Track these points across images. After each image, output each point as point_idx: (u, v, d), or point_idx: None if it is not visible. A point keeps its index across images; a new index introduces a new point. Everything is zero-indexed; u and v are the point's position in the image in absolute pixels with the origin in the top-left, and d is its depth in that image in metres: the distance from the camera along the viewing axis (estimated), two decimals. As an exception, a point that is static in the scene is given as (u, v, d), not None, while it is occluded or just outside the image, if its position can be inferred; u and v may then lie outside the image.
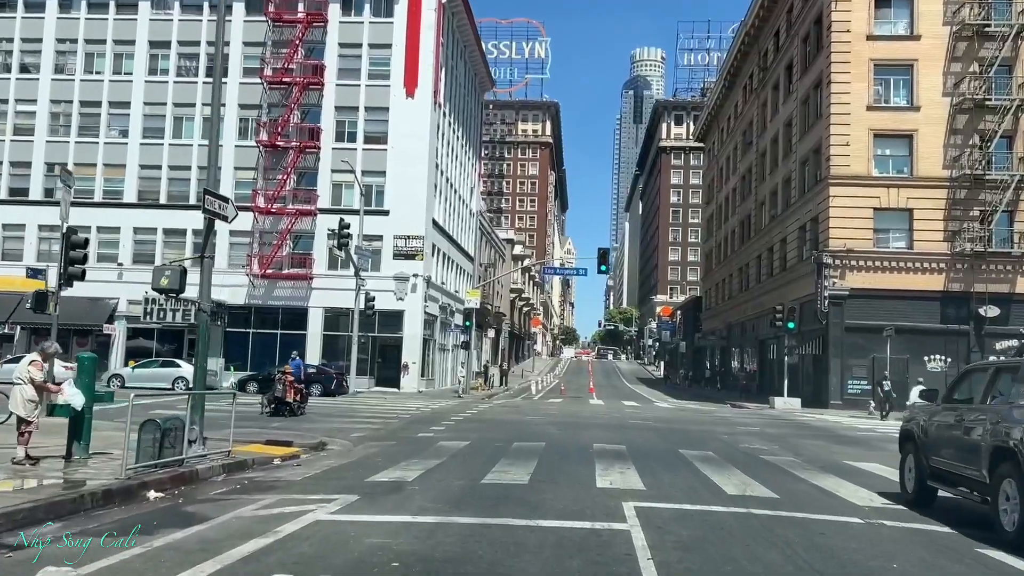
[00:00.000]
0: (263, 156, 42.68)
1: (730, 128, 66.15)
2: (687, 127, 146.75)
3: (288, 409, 22.16)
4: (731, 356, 64.03)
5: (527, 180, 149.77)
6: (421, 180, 42.26)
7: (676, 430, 21.72)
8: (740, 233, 60.01)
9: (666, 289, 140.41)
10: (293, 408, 22.34)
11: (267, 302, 42.32)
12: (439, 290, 46.61)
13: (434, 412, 25.86)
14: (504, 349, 74.43)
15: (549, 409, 30.40)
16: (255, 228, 42.42)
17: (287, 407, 22.20)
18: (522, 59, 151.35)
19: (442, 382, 48.80)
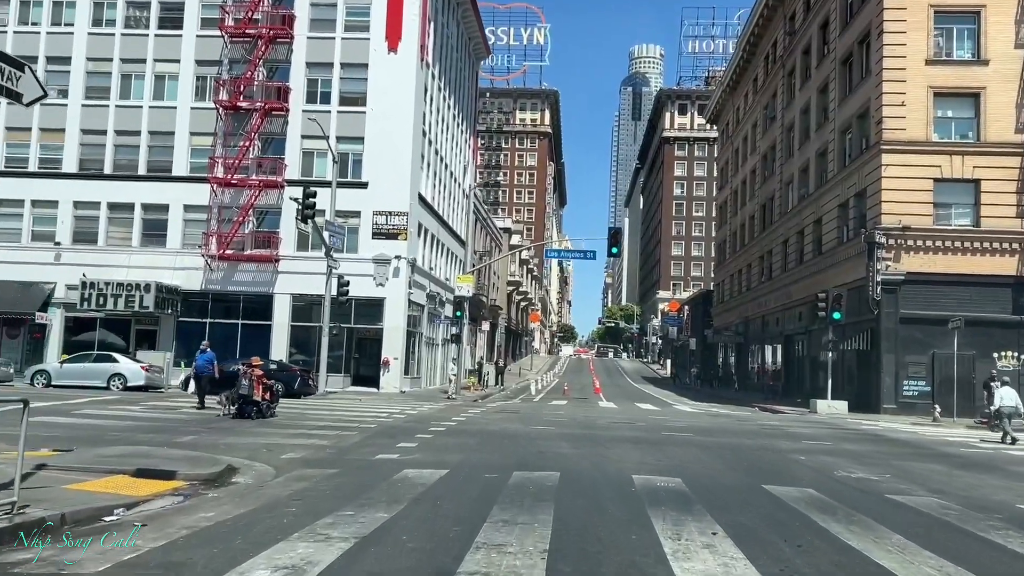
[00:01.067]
0: (223, 119, 37.02)
1: (748, 105, 60.59)
2: (691, 117, 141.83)
3: (256, 409, 19.07)
4: (748, 354, 58.50)
5: (525, 171, 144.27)
6: (405, 148, 36.64)
7: (729, 446, 16.17)
8: (760, 218, 54.47)
9: (669, 285, 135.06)
10: (262, 408, 19.25)
11: (227, 288, 36.67)
12: (426, 276, 40.99)
13: (412, 419, 20.27)
14: (500, 345, 68.84)
15: (555, 414, 24.82)
16: (213, 202, 36.75)
17: (254, 407, 19.09)
18: (520, 45, 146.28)
19: (430, 381, 43.19)
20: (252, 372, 19.37)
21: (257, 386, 19.29)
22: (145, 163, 37.42)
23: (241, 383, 19.18)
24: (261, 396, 19.34)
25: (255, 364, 20.04)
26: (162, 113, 37.39)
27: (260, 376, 19.53)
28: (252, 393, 19.12)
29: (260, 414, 19.15)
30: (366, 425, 17.92)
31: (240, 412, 19.04)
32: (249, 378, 19.21)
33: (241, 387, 19.14)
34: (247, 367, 19.60)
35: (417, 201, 38.15)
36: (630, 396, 44.60)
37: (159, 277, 35.74)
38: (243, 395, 19.10)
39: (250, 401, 19.09)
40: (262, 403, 19.29)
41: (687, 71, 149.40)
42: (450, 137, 47.14)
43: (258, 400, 19.20)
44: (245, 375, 19.26)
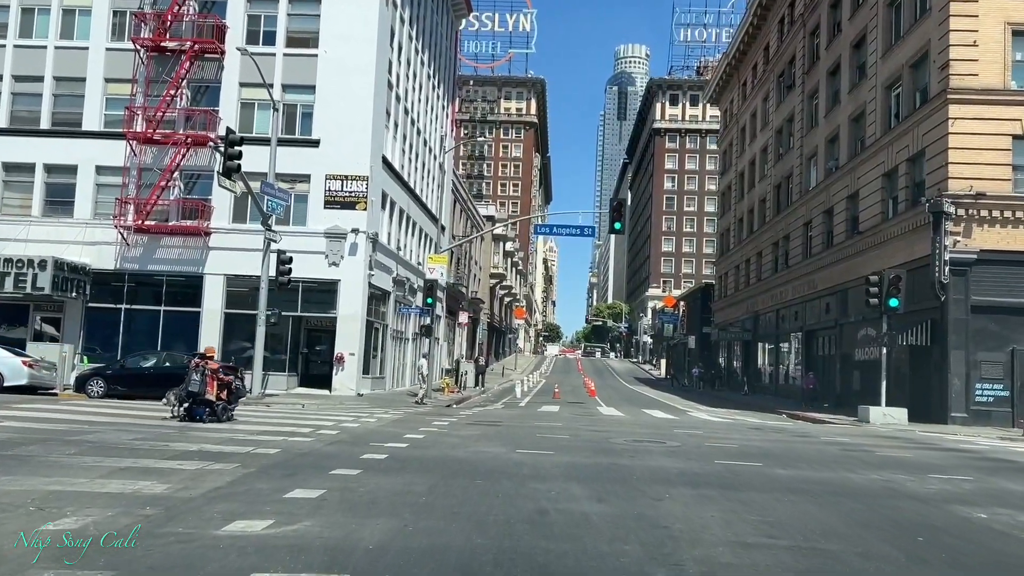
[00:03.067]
0: (144, 62, 30.46)
1: (757, 77, 54.64)
2: (683, 108, 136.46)
3: (209, 411, 16.30)
4: (757, 352, 52.52)
5: (510, 163, 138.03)
6: (366, 100, 30.25)
7: (842, 490, 10.00)
8: (774, 200, 48.49)
9: (659, 282, 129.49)
10: (215, 409, 16.38)
11: (147, 267, 30.11)
12: (392, 257, 34.62)
13: (348, 437, 13.98)
14: (482, 342, 62.54)
15: (550, 426, 18.51)
16: (131, 163, 30.19)
17: (207, 408, 16.31)
18: (506, 32, 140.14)
19: (397, 381, 36.80)
20: (205, 366, 16.49)
21: (211, 383, 16.37)
22: (49, 115, 30.80)
23: (192, 379, 16.25)
24: (216, 395, 16.46)
25: (209, 355, 17.25)
26: (71, 55, 30.77)
27: (215, 371, 16.63)
28: (204, 391, 16.21)
29: (214, 416, 16.19)
30: (266, 450, 11.56)
31: (190, 414, 16.21)
32: (201, 373, 16.28)
33: (192, 383, 16.22)
34: (200, 360, 16.75)
35: (381, 165, 31.76)
36: (631, 400, 38.41)
37: (65, 253, 29.18)
38: (193, 393, 16.24)
39: (201, 401, 16.23)
40: (216, 403, 16.39)
41: (678, 60, 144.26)
42: (424, 100, 40.76)
43: (211, 400, 16.33)
44: (197, 369, 16.36)
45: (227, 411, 16.74)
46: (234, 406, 17.30)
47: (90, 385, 23.47)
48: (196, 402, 16.26)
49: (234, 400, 17.34)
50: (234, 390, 17.34)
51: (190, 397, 16.32)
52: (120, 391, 23.55)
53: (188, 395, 16.36)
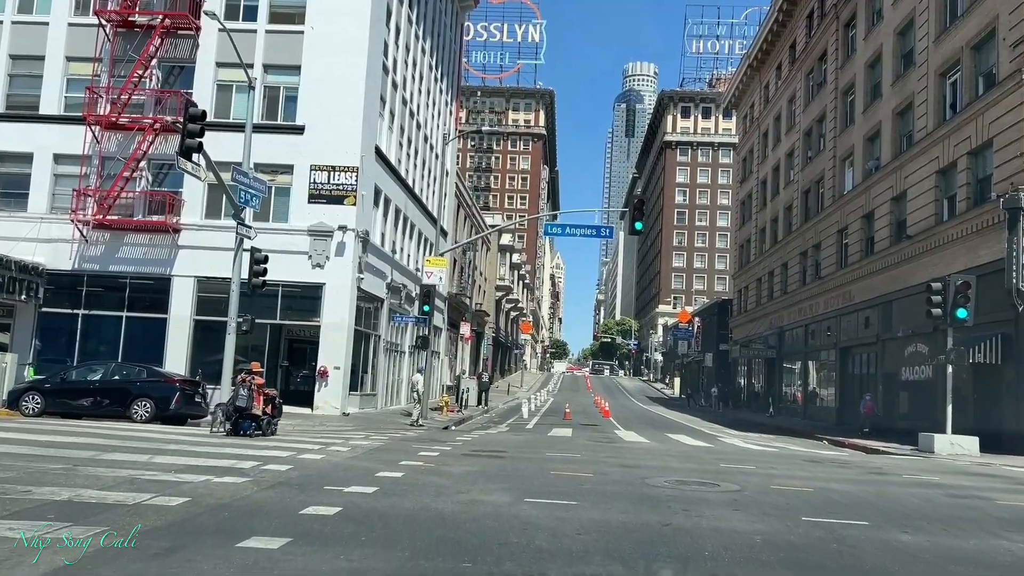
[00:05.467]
0: (110, 38, 27.26)
1: (782, 78, 51.31)
2: (695, 120, 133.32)
3: (255, 426, 16.44)
4: (782, 370, 48.81)
5: (517, 175, 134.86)
6: (357, 82, 26.94)
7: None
8: (801, 207, 44.97)
9: (670, 298, 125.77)
10: (261, 424, 16.60)
11: (108, 267, 26.75)
12: (387, 261, 31.20)
13: (301, 474, 10.56)
14: (487, 358, 58.95)
15: (565, 459, 14.93)
16: (91, 150, 26.90)
17: (253, 423, 16.43)
18: (514, 42, 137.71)
19: (391, 399, 33.27)
20: (252, 380, 16.58)
21: (258, 397, 16.54)
22: (3, 98, 27.59)
23: (239, 393, 16.41)
24: (262, 409, 16.66)
25: (255, 371, 17.06)
26: (30, 31, 27.62)
27: (261, 386, 16.78)
28: (252, 405, 16.40)
29: (259, 430, 16.49)
30: (166, 500, 8.05)
31: (235, 428, 16.38)
32: (249, 387, 16.42)
33: (239, 398, 16.37)
34: (247, 375, 16.75)
35: (374, 156, 28.41)
36: (650, 422, 34.78)
37: (19, 251, 25.86)
38: (240, 408, 16.38)
39: (248, 415, 16.40)
40: (262, 418, 16.63)
41: (690, 72, 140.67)
42: (425, 92, 37.47)
43: (258, 414, 16.54)
44: (244, 384, 16.50)
45: (272, 425, 16.88)
46: (277, 420, 17.34)
47: (25, 401, 20.02)
48: (243, 416, 16.29)
49: (278, 414, 17.38)
50: (277, 405, 17.38)
51: (237, 412, 16.32)
52: (60, 408, 20.12)
53: (236, 410, 16.36)
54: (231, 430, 16.43)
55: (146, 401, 19.79)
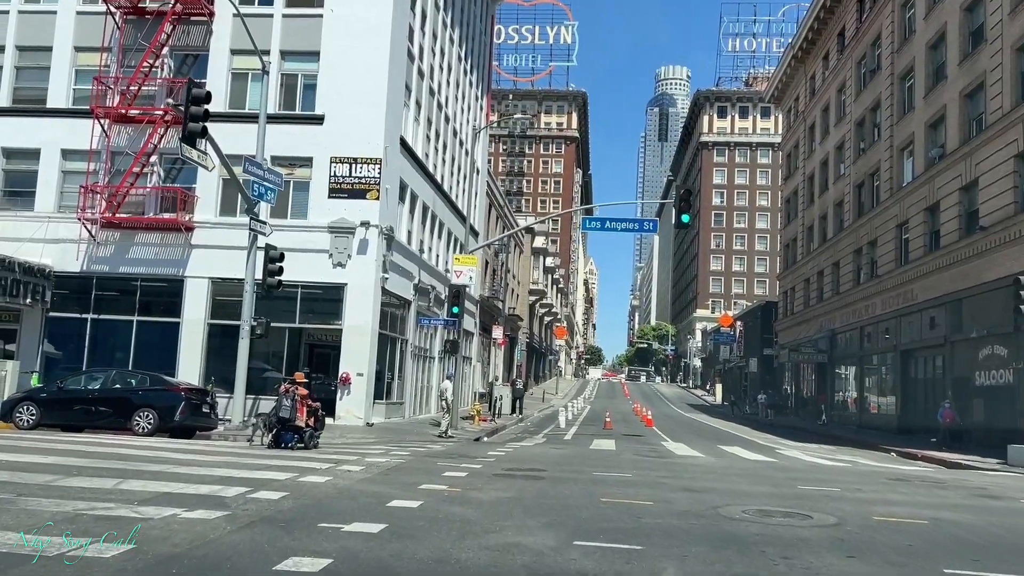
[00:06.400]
0: (119, 26, 25.75)
1: (829, 67, 48.66)
2: (732, 120, 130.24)
3: (297, 438, 15.74)
4: (833, 375, 46.06)
5: (550, 179, 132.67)
6: (379, 67, 25.10)
7: None
8: (854, 201, 42.31)
9: (707, 302, 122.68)
10: (303, 436, 15.82)
11: (118, 268, 25.15)
12: (414, 260, 29.30)
13: (296, 504, 8.66)
14: (520, 364, 56.85)
15: (615, 477, 12.82)
16: (101, 145, 25.38)
17: (295, 435, 15.74)
18: (546, 44, 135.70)
19: (419, 407, 31.33)
20: (296, 391, 16.05)
21: (301, 409, 16.00)
22: (10, 91, 26.19)
23: (282, 404, 15.91)
24: (305, 421, 16.08)
25: (299, 381, 16.59)
26: (36, 20, 26.22)
27: (304, 396, 16.17)
28: (295, 417, 15.89)
29: (302, 443, 15.86)
30: (103, 551, 6.09)
31: (277, 440, 15.92)
32: (292, 398, 15.90)
33: (282, 409, 15.88)
34: (290, 385, 16.29)
35: (398, 147, 26.53)
36: (698, 432, 32.42)
37: (25, 252, 24.39)
38: (284, 419, 15.89)
39: (291, 427, 15.90)
40: (305, 430, 16.01)
41: (726, 72, 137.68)
42: (454, 84, 35.57)
43: (301, 426, 15.97)
44: (287, 394, 15.97)
45: (314, 438, 16.14)
46: (320, 432, 16.60)
47: (19, 412, 18.38)
48: (285, 428, 15.70)
49: (320, 426, 16.67)
50: (320, 417, 16.69)
51: (280, 423, 15.72)
52: (58, 419, 18.46)
53: (278, 421, 15.75)
54: (272, 442, 15.83)
55: (148, 411, 18.04)
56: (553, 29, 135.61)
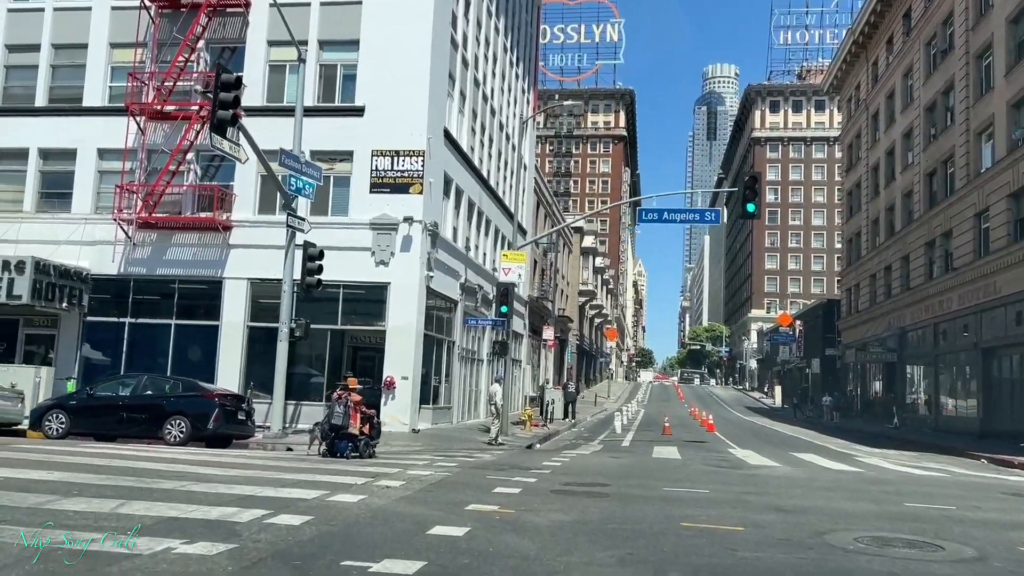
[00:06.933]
0: (154, 20, 24.96)
1: (894, 51, 46.15)
2: (785, 115, 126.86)
3: (352, 447, 15.09)
4: (904, 376, 43.52)
5: (598, 178, 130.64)
6: (421, 54, 23.85)
7: None
8: (924, 191, 39.88)
9: (762, 303, 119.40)
10: (359, 445, 15.16)
11: (155, 270, 24.32)
12: (460, 258, 28.00)
13: (316, 533, 7.32)
14: (571, 367, 55.25)
15: (689, 495, 11.24)
16: (137, 143, 24.59)
17: (350, 443, 15.11)
18: (592, 43, 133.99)
19: (467, 412, 30.00)
20: (349, 397, 15.44)
21: (354, 416, 15.35)
22: (46, 91, 25.61)
23: (335, 411, 15.28)
24: (359, 429, 15.40)
25: (352, 387, 16.08)
26: (72, 17, 25.61)
27: (358, 403, 15.61)
28: (348, 424, 15.21)
29: (356, 451, 15.13)
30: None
31: (331, 449, 15.24)
32: (345, 405, 15.26)
33: (334, 416, 15.24)
34: (343, 391, 15.73)
35: (442, 139, 25.24)
36: (764, 438, 30.48)
37: (62, 255, 23.71)
38: (337, 426, 15.23)
39: (345, 435, 15.21)
40: (359, 438, 15.33)
41: (778, 65, 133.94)
42: (499, 75, 34.23)
43: (355, 433, 15.28)
44: (339, 401, 15.34)
45: (369, 447, 15.51)
46: (376, 441, 15.96)
47: (48, 421, 17.52)
48: (339, 436, 15.10)
49: (376, 434, 15.99)
50: (375, 424, 16.01)
51: (333, 431, 15.16)
52: (87, 428, 17.54)
53: (332, 429, 15.18)
54: (327, 451, 15.24)
55: (180, 419, 16.98)
56: (599, 27, 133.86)
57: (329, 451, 15.27)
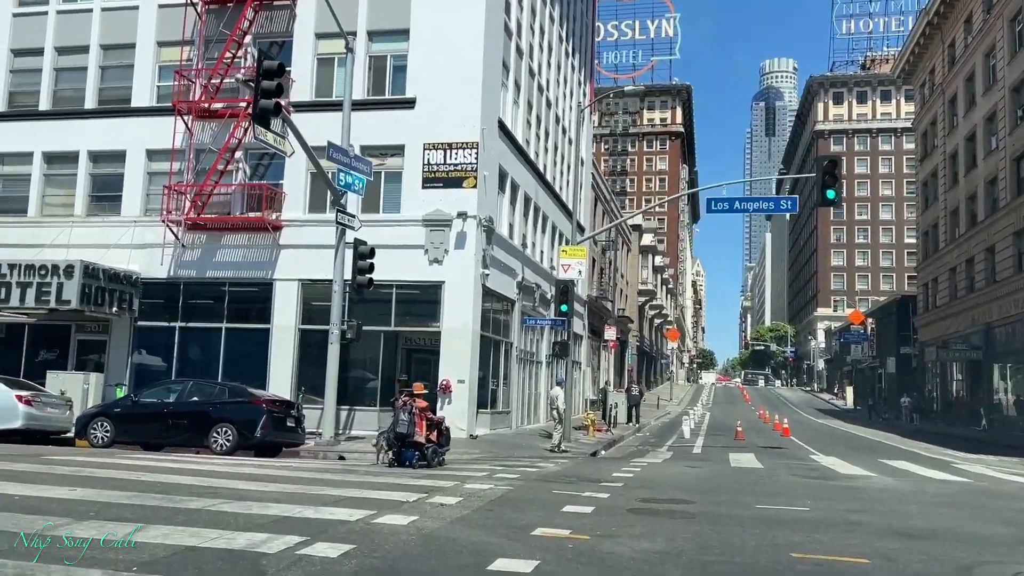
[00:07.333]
0: (201, 18, 24.35)
1: (973, 31, 43.50)
2: (849, 106, 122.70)
3: (419, 455, 14.26)
4: (991, 375, 40.82)
5: (655, 176, 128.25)
6: (474, 42, 22.72)
7: None
8: (1012, 177, 37.32)
9: (828, 301, 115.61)
10: (426, 453, 14.33)
11: (205, 273, 23.65)
12: (516, 256, 26.78)
13: (356, 568, 5.93)
14: (631, 369, 53.59)
15: (789, 514, 9.82)
16: (185, 143, 23.99)
17: (417, 452, 14.26)
18: (647, 39, 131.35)
19: (526, 417, 28.74)
20: (414, 404, 14.44)
21: (420, 423, 14.36)
22: (95, 92, 25.22)
23: (399, 419, 14.34)
24: (426, 436, 14.45)
25: (418, 392, 15.04)
26: (119, 17, 25.18)
27: (424, 409, 14.61)
28: (414, 432, 14.23)
29: (423, 460, 14.22)
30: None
31: (399, 458, 14.30)
32: (409, 412, 14.29)
33: (399, 424, 14.31)
34: (408, 398, 14.66)
35: (496, 130, 24.06)
36: (846, 443, 28.55)
37: (112, 259, 23.25)
38: (402, 435, 14.29)
39: (411, 443, 14.25)
40: (426, 446, 14.37)
41: (840, 55, 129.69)
42: (555, 66, 32.93)
43: (421, 442, 14.32)
44: (404, 408, 14.39)
45: (438, 455, 14.66)
46: (446, 448, 15.13)
47: (93, 429, 16.85)
48: (406, 445, 14.31)
49: (445, 442, 15.14)
50: (444, 431, 15.15)
51: (399, 440, 14.40)
52: (132, 436, 16.81)
53: (397, 437, 14.43)
54: (394, 460, 14.42)
55: (227, 427, 16.12)
56: (654, 23, 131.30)
57: (397, 461, 14.40)
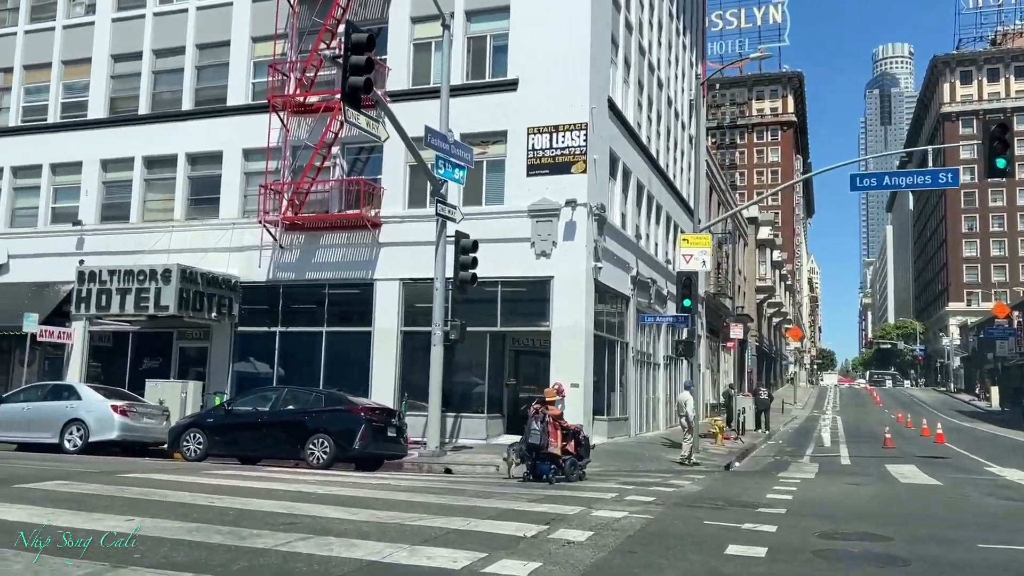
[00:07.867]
0: (294, 9, 23.38)
1: None
2: (979, 85, 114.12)
3: (555, 468, 12.92)
4: None
5: (766, 168, 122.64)
6: (580, 16, 20.78)
7: None
8: None
9: (961, 295, 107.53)
10: (563, 466, 13.04)
11: (304, 274, 22.59)
12: (630, 248, 24.64)
13: None
14: (751, 370, 50.32)
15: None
16: (280, 139, 23.06)
17: (553, 465, 12.92)
18: (753, 27, 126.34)
19: (645, 423, 26.49)
20: (547, 412, 13.11)
21: (554, 433, 12.96)
22: (192, 93, 24.66)
23: (531, 428, 13.01)
24: (561, 447, 13.06)
25: (550, 399, 13.55)
26: (214, 15, 24.56)
27: (557, 417, 13.27)
28: (547, 443, 12.87)
29: (561, 474, 12.93)
30: None
31: (534, 471, 13.04)
32: (542, 421, 12.98)
33: (530, 435, 12.98)
34: (539, 406, 13.31)
35: (606, 111, 22.04)
36: (1016, 450, 25.04)
37: (211, 263, 22.56)
38: (535, 446, 12.94)
39: (546, 454, 12.92)
40: (563, 458, 13.07)
41: (967, 31, 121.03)
42: (666, 45, 30.60)
43: (556, 453, 12.97)
44: (535, 416, 13.07)
45: (577, 467, 13.41)
46: (586, 461, 13.89)
47: (185, 441, 15.81)
48: (539, 457, 13.06)
49: (584, 453, 13.86)
50: (583, 442, 13.89)
51: (532, 451, 13.15)
52: (225, 449, 15.69)
53: (529, 449, 13.20)
54: (528, 474, 13.20)
55: (323, 438, 14.75)
56: (761, 10, 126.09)
57: (532, 474, 13.08)
